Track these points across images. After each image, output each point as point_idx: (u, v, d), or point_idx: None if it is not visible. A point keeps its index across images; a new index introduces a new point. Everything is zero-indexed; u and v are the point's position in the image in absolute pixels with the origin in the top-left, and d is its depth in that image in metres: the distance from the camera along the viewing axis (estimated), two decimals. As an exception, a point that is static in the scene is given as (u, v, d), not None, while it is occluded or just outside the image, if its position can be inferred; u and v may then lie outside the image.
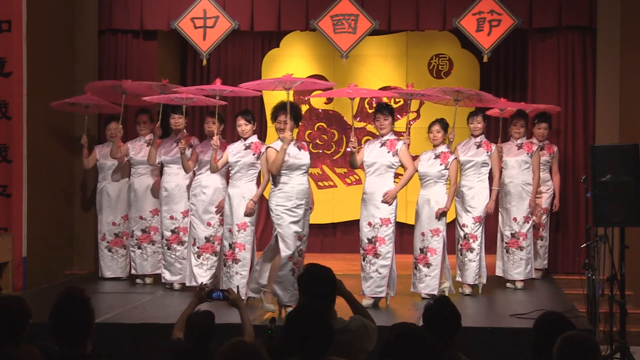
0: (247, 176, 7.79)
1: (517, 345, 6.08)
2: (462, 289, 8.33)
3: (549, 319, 4.00)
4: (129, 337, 6.68)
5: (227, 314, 5.89)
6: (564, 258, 9.54)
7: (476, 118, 8.50)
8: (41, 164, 8.96)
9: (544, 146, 9.02)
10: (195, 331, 4.48)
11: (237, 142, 7.97)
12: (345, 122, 11.59)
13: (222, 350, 3.19)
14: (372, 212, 7.64)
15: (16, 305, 3.89)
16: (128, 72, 9.82)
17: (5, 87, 8.55)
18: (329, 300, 4.22)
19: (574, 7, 9.44)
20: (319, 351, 3.56)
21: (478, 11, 9.36)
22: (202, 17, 9.67)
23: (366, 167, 7.82)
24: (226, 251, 7.72)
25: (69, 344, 3.66)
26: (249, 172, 7.80)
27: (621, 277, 7.17)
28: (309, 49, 11.56)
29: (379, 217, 7.62)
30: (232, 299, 4.72)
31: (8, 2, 8.52)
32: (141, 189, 8.81)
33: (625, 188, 7.21)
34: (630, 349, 7.09)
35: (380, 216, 7.61)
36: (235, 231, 7.68)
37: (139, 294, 8.37)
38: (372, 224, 7.65)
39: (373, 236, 7.63)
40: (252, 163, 7.78)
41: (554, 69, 9.61)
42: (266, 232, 11.65)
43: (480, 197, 8.30)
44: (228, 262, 7.71)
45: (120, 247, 9.08)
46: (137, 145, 8.88)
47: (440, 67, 11.47)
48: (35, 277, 8.69)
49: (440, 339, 3.80)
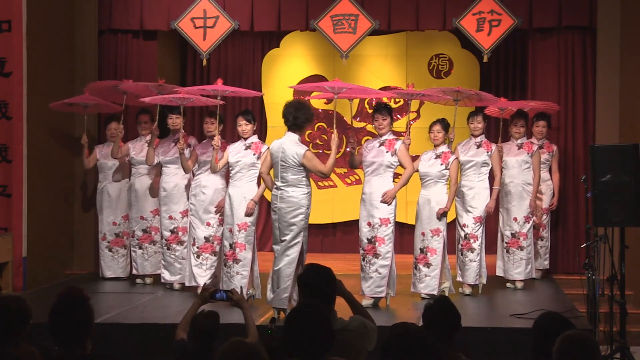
0: (248, 176, 7.76)
1: (517, 345, 6.08)
2: (462, 289, 8.34)
3: (549, 319, 4.00)
4: (129, 337, 6.69)
5: (230, 314, 5.88)
6: (564, 258, 9.54)
7: (476, 118, 8.50)
8: (41, 164, 8.96)
9: (543, 145, 9.02)
10: (200, 332, 4.49)
11: (237, 142, 7.96)
12: (345, 122, 11.59)
13: (221, 350, 3.19)
14: (371, 212, 7.64)
15: (16, 306, 3.90)
16: (128, 72, 9.82)
17: (5, 87, 8.55)
18: (329, 300, 4.22)
19: (574, 7, 9.44)
20: (319, 351, 3.56)
21: (478, 11, 9.36)
22: (202, 17, 9.67)
23: (365, 167, 7.81)
24: (226, 251, 7.69)
25: (69, 344, 3.66)
26: (249, 172, 7.75)
27: (621, 277, 7.17)
28: (309, 49, 11.56)
29: (378, 217, 7.61)
30: (236, 300, 4.72)
31: (8, 2, 8.52)
32: (142, 189, 8.81)
33: (625, 188, 7.21)
34: (630, 349, 7.09)
35: (379, 216, 7.61)
36: (235, 231, 7.66)
37: (139, 294, 8.37)
38: (371, 224, 7.64)
39: (372, 236, 7.63)
40: (252, 163, 7.73)
41: (554, 69, 9.61)
42: (266, 232, 11.66)
43: (480, 197, 8.30)
44: (228, 262, 7.68)
45: (121, 247, 9.09)
46: (138, 145, 8.88)
47: (440, 67, 11.47)
48: (35, 277, 8.69)
49: (440, 339, 3.80)
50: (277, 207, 7.10)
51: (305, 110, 7.19)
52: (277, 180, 7.17)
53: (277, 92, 11.59)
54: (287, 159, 7.07)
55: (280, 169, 7.11)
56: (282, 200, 7.08)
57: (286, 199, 7.07)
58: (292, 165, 7.06)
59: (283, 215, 7.08)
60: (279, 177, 7.14)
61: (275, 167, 7.20)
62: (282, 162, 7.09)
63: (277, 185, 7.16)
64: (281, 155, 7.10)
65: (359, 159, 7.87)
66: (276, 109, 11.48)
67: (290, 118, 7.13)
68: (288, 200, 7.07)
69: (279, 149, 7.13)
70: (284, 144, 7.12)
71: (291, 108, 7.16)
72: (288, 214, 7.07)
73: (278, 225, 7.12)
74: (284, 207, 7.07)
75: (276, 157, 7.15)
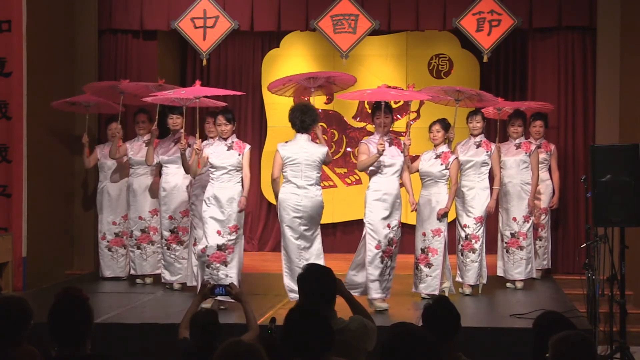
0: (236, 177, 7.58)
1: (517, 345, 6.08)
2: (462, 289, 8.33)
3: (548, 318, 3.99)
4: (129, 337, 6.68)
5: (230, 314, 5.88)
6: (564, 258, 9.54)
7: (475, 117, 8.49)
8: (41, 164, 8.96)
9: (540, 145, 9.02)
10: (201, 330, 4.50)
11: (213, 142, 7.78)
12: (345, 122, 11.60)
13: (220, 351, 3.18)
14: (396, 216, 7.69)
15: (18, 306, 3.90)
16: (128, 72, 9.82)
17: (5, 87, 8.56)
18: (329, 300, 4.22)
19: (574, 7, 9.44)
20: (318, 351, 3.56)
21: (478, 11, 9.36)
22: (202, 17, 9.67)
23: (385, 169, 7.65)
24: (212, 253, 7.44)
25: (68, 345, 3.65)
26: (237, 173, 7.58)
27: (621, 277, 7.17)
28: (309, 49, 11.56)
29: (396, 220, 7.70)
30: (235, 294, 4.74)
31: (8, 2, 8.52)
32: (140, 189, 8.81)
33: (625, 188, 7.21)
34: (630, 349, 7.09)
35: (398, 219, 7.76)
36: (226, 234, 7.47)
37: (139, 294, 8.37)
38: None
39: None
40: (238, 163, 7.58)
41: (554, 69, 9.61)
42: (266, 231, 11.67)
43: (480, 197, 8.30)
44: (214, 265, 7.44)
45: (120, 247, 9.09)
46: (136, 145, 8.88)
47: (440, 67, 11.46)
48: (35, 277, 8.70)
49: (440, 339, 3.80)
50: (301, 205, 7.35)
51: (311, 112, 7.47)
52: (299, 180, 7.36)
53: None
54: (314, 159, 7.39)
55: (305, 169, 7.38)
56: (308, 199, 7.38)
57: (312, 198, 7.40)
58: (318, 164, 7.42)
59: (310, 212, 7.39)
60: (303, 177, 7.37)
61: (294, 168, 7.39)
62: (306, 162, 7.37)
63: (297, 184, 7.37)
64: (304, 155, 7.37)
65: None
66: (276, 109, 11.51)
67: (297, 122, 7.41)
68: (314, 199, 7.41)
69: (298, 151, 7.38)
70: (303, 146, 7.41)
71: (297, 112, 7.44)
72: (315, 211, 7.43)
73: (302, 221, 7.36)
74: (311, 206, 7.39)
75: (294, 158, 7.37)
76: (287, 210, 7.36)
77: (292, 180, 7.38)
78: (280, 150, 7.43)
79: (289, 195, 7.36)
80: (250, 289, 8.05)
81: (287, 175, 7.43)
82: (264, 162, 11.54)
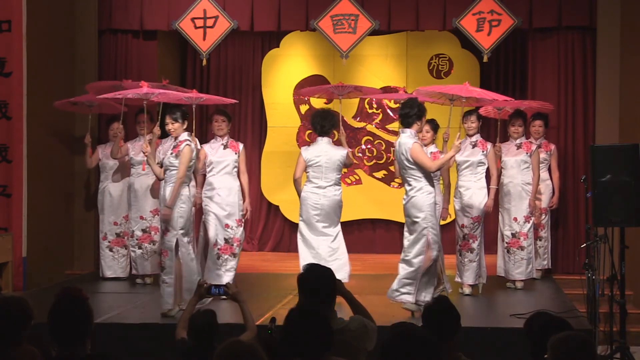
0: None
1: (517, 345, 6.05)
2: (462, 289, 8.33)
3: (539, 321, 3.98)
4: (129, 337, 6.68)
5: (229, 314, 5.88)
6: (564, 258, 9.54)
7: (470, 117, 8.47)
8: (41, 164, 8.96)
9: (541, 145, 9.02)
10: (198, 330, 4.50)
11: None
12: (345, 122, 11.59)
13: (219, 351, 3.18)
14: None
15: (18, 306, 3.90)
16: (128, 72, 9.82)
17: (5, 87, 8.55)
18: (329, 300, 4.22)
19: (574, 7, 9.44)
20: (318, 351, 3.56)
21: (478, 11, 9.36)
22: (202, 17, 9.67)
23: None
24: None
25: (68, 344, 3.65)
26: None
27: (621, 277, 7.17)
28: (309, 49, 11.56)
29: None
30: (232, 293, 4.73)
31: (8, 2, 8.52)
32: (141, 189, 8.81)
33: (625, 188, 7.20)
34: (630, 349, 7.08)
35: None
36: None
37: (139, 294, 8.38)
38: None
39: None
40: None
41: (554, 69, 9.61)
42: (266, 231, 11.68)
43: (478, 197, 8.30)
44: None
45: (121, 247, 9.09)
46: (137, 145, 8.87)
47: (440, 67, 11.46)
48: (35, 277, 8.69)
49: (440, 339, 3.80)
50: (319, 203, 8.00)
51: (331, 118, 8.12)
52: (320, 180, 7.99)
53: (277, 92, 11.61)
54: (334, 160, 8.01)
55: (326, 170, 8.02)
56: (326, 198, 8.02)
57: (330, 197, 8.03)
58: (338, 166, 8.05)
59: (327, 210, 8.02)
60: (323, 178, 8.00)
61: (315, 170, 8.01)
62: (327, 164, 8.00)
63: (317, 184, 8.00)
64: (325, 158, 8.00)
65: None
66: (276, 108, 11.52)
67: (317, 127, 8.06)
68: (331, 198, 8.03)
69: (319, 153, 8.00)
70: (325, 149, 8.01)
71: (318, 118, 8.12)
72: (332, 209, 8.04)
73: (320, 218, 7.98)
74: (328, 204, 8.02)
75: (316, 161, 8.00)
76: (307, 207, 8.01)
77: (313, 181, 8.03)
78: (303, 153, 8.09)
79: (309, 194, 8.01)
80: (250, 289, 8.06)
81: (309, 176, 8.06)
82: (264, 162, 11.54)
